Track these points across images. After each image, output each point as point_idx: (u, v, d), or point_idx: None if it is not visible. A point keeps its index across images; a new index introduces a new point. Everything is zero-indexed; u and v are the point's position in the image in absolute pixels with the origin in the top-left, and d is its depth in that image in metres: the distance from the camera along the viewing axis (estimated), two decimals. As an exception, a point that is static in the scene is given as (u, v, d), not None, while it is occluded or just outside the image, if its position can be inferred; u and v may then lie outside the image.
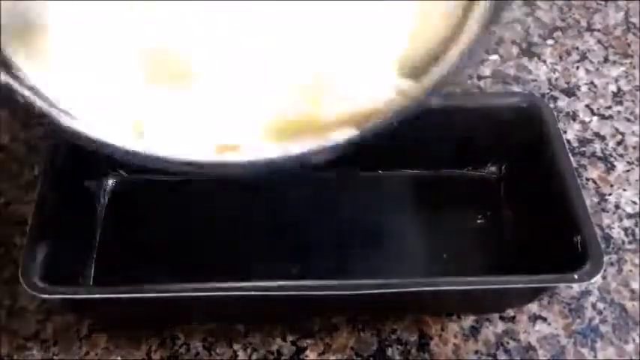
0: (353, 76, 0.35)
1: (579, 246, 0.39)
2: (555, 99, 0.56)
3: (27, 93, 0.34)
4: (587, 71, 0.59)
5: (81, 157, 0.44)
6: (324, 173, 0.46)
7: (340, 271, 0.44)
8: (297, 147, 0.33)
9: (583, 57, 0.60)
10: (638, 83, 0.57)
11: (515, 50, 0.60)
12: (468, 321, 0.43)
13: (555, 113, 0.51)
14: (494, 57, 0.59)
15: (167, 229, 0.46)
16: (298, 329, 0.43)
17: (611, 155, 0.52)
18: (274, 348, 0.42)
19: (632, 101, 0.56)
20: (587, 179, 0.51)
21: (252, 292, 0.38)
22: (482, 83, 0.57)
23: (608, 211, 0.49)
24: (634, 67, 0.59)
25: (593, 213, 0.46)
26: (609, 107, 0.56)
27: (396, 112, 0.34)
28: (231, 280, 0.40)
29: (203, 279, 0.40)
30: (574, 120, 0.55)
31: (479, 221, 0.47)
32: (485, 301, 0.42)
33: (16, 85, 0.34)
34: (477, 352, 0.42)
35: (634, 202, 0.49)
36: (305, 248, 0.45)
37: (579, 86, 0.57)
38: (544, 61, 0.59)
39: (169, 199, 0.47)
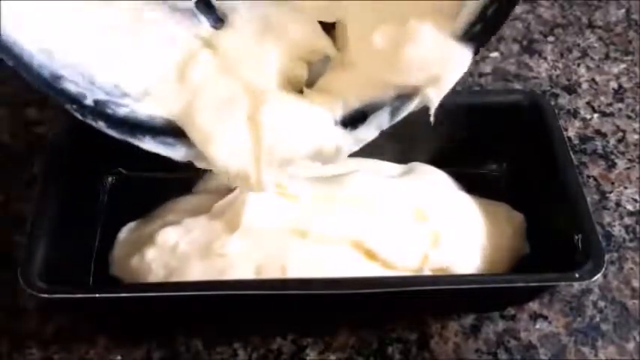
0: None
1: (580, 244, 0.39)
2: (556, 96, 0.56)
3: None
4: (588, 68, 0.58)
5: (81, 156, 0.44)
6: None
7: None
8: None
9: (584, 54, 0.60)
10: (639, 80, 0.57)
11: (515, 47, 0.60)
12: (469, 319, 0.43)
13: (556, 110, 0.51)
14: (495, 54, 0.59)
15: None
16: (298, 328, 0.42)
17: (612, 153, 0.52)
18: (274, 347, 0.42)
19: (634, 98, 0.56)
20: (588, 177, 0.51)
21: (253, 291, 0.38)
22: (482, 80, 0.57)
23: (609, 209, 0.49)
24: (635, 65, 0.58)
25: (593, 211, 0.46)
26: (610, 104, 0.56)
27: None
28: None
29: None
30: (575, 117, 0.55)
31: (479, 219, 0.47)
32: (486, 300, 0.42)
33: None
34: (477, 350, 0.42)
35: (635, 200, 0.49)
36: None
37: (580, 83, 0.57)
38: (545, 58, 0.59)
39: (170, 197, 0.46)
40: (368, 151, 0.47)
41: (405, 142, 0.47)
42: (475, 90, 0.56)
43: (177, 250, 0.41)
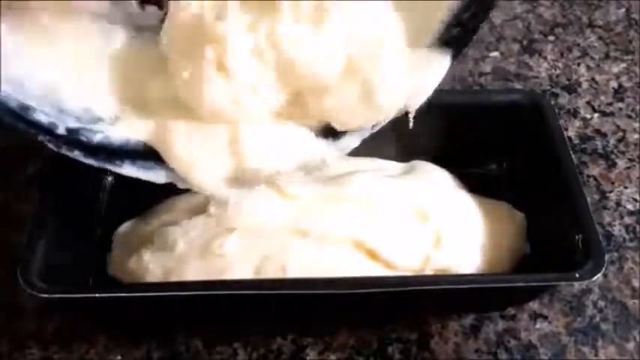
0: None
1: (580, 244, 0.39)
2: (556, 96, 0.56)
3: None
4: (588, 68, 0.58)
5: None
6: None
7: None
8: None
9: (584, 53, 0.60)
10: (639, 80, 0.57)
11: (516, 47, 0.60)
12: (469, 319, 0.43)
13: (556, 110, 0.51)
14: (495, 54, 0.59)
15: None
16: (298, 328, 0.42)
17: (612, 152, 0.52)
18: (274, 346, 0.42)
19: (634, 98, 0.56)
20: (589, 176, 0.51)
21: (252, 291, 0.38)
22: (482, 80, 0.57)
23: (609, 209, 0.49)
24: (635, 64, 0.58)
25: (594, 210, 0.46)
26: (610, 104, 0.56)
27: None
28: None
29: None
30: (575, 117, 0.55)
31: (480, 219, 0.47)
32: (487, 299, 0.42)
33: None
34: (477, 350, 0.42)
35: (635, 200, 0.49)
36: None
37: (580, 83, 0.57)
38: (545, 58, 0.59)
39: (169, 196, 0.46)
40: (369, 150, 0.47)
41: (405, 142, 0.47)
42: (475, 90, 0.56)
43: (175, 250, 0.41)
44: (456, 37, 0.35)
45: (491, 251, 0.42)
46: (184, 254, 0.40)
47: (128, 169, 0.36)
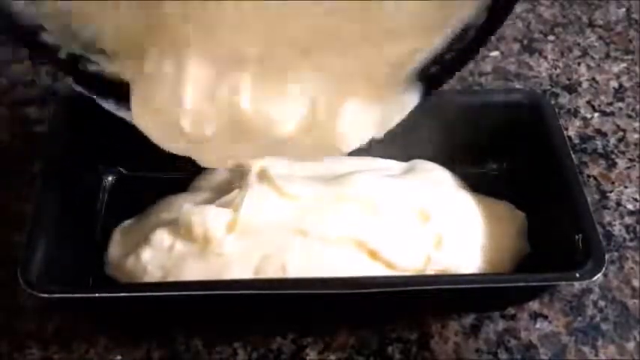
0: None
1: (581, 244, 0.39)
2: (556, 95, 0.56)
3: None
4: (589, 67, 0.58)
5: (80, 155, 0.44)
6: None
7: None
8: None
9: (584, 53, 0.60)
10: (639, 79, 0.57)
11: (516, 46, 0.60)
12: (469, 319, 0.43)
13: (556, 110, 0.51)
14: (495, 53, 0.59)
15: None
16: (298, 328, 0.42)
17: (612, 152, 0.52)
18: (274, 346, 0.42)
19: (634, 98, 0.56)
20: (589, 176, 0.51)
21: (252, 291, 0.38)
22: (483, 80, 0.57)
23: (609, 209, 0.49)
24: (635, 64, 0.58)
25: (594, 210, 0.46)
26: (611, 104, 0.56)
27: None
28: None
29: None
30: (575, 116, 0.55)
31: (480, 219, 0.47)
32: (487, 299, 0.42)
33: None
34: (477, 350, 0.42)
35: (635, 199, 0.49)
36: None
37: (580, 82, 0.57)
38: (545, 58, 0.59)
39: (168, 196, 0.46)
40: (369, 149, 0.47)
41: (405, 142, 0.47)
42: (475, 89, 0.56)
43: (173, 250, 0.41)
44: (432, 75, 0.35)
45: (491, 251, 0.42)
46: (182, 254, 0.40)
47: (111, 106, 0.38)
